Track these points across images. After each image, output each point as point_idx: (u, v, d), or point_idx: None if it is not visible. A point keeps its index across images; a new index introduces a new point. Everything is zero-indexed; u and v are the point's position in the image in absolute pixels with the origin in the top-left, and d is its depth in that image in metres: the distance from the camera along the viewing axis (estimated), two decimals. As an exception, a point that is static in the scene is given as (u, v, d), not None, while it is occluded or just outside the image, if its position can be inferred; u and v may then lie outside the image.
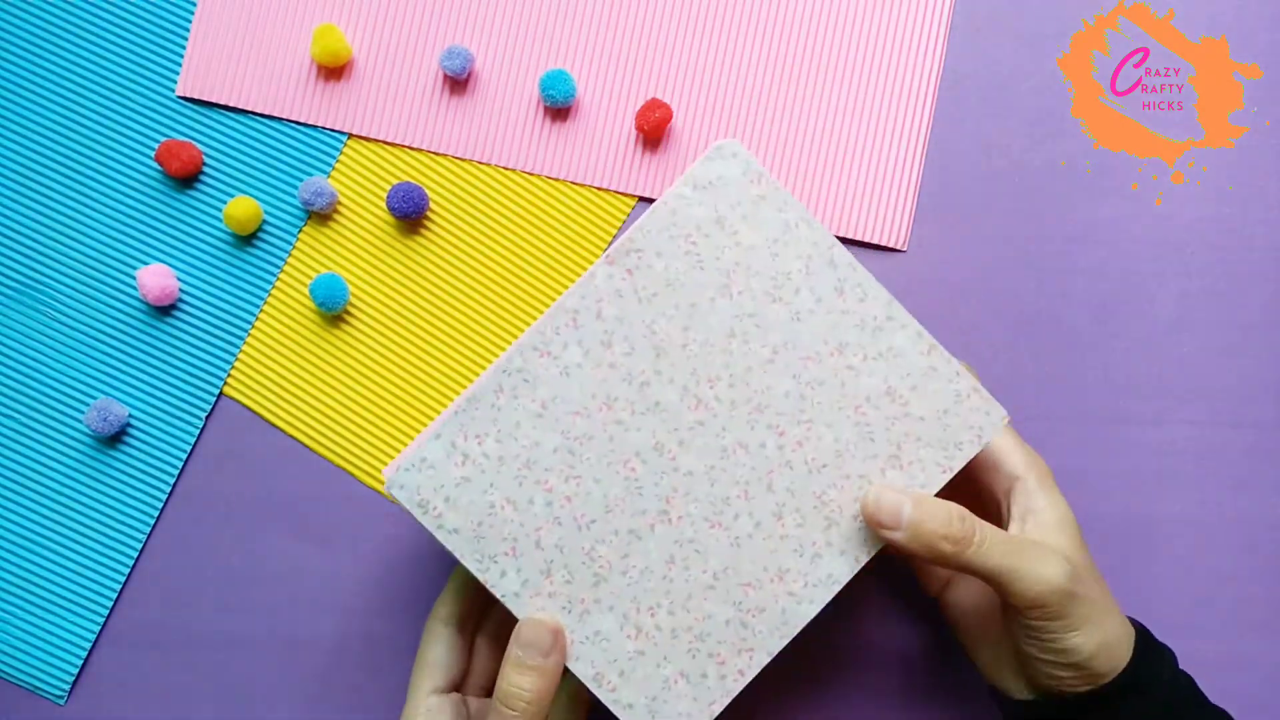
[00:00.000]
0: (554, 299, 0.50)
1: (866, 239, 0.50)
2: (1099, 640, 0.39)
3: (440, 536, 0.40)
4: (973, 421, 0.42)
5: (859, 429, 0.41)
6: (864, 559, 0.41)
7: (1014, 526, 0.42)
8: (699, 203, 0.41)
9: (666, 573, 0.41)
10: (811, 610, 0.41)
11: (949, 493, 0.41)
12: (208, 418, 0.49)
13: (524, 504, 0.41)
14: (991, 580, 0.39)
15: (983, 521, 0.39)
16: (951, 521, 0.38)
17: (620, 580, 0.41)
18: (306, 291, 0.49)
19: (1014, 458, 0.43)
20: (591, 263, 0.50)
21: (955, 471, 0.41)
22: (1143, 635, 0.41)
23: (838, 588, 0.41)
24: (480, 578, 0.40)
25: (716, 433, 0.41)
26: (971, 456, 0.41)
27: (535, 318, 0.50)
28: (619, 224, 0.50)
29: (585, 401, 0.41)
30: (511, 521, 0.40)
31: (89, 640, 0.48)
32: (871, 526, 0.40)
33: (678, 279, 0.41)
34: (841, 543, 0.41)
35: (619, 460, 0.41)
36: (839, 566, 0.41)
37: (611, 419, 0.41)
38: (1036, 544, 0.39)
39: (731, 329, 0.41)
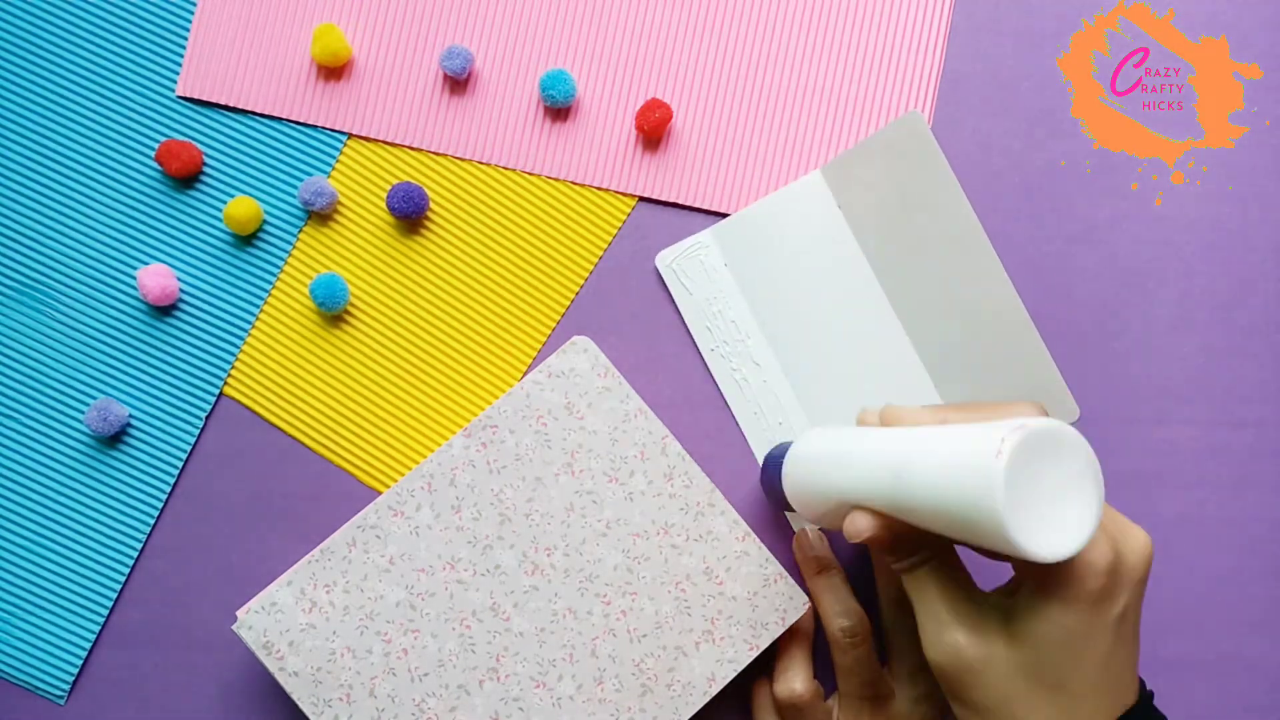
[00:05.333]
0: (554, 299, 0.50)
1: (866, 239, 0.50)
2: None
3: (280, 678, 0.43)
4: (778, 604, 0.45)
5: (678, 603, 0.45)
6: None
7: None
8: (551, 389, 0.46)
9: None
10: None
11: None
12: (208, 418, 0.49)
13: (363, 653, 0.44)
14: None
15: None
16: None
17: None
18: (306, 291, 0.49)
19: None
20: (591, 263, 0.50)
21: (762, 649, 0.45)
22: None
23: None
24: None
25: (549, 597, 0.45)
26: (776, 636, 0.45)
27: (535, 318, 0.50)
28: (619, 224, 0.50)
29: (431, 560, 0.44)
30: (349, 669, 0.44)
31: (89, 640, 0.48)
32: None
33: (527, 454, 0.46)
34: (654, 710, 0.44)
35: (457, 618, 0.44)
36: None
37: (454, 578, 0.44)
38: None
39: (570, 503, 0.45)
